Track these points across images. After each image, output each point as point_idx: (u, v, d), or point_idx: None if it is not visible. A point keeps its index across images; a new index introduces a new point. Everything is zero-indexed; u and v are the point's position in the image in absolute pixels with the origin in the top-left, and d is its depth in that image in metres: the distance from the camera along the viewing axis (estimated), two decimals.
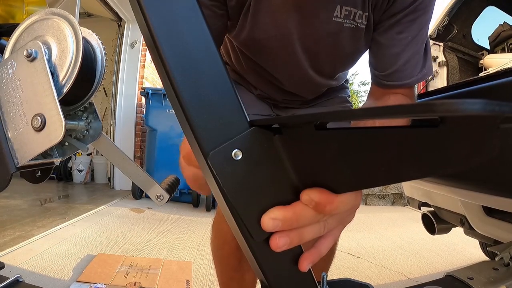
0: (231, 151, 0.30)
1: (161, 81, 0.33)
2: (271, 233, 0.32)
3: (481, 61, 2.87)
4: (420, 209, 2.04)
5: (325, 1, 0.79)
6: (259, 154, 0.31)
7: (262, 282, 0.38)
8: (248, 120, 0.32)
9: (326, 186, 0.31)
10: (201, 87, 0.31)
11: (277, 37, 0.87)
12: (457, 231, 1.97)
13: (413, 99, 0.89)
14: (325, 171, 0.30)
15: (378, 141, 0.25)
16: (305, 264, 0.36)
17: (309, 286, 0.39)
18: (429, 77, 2.83)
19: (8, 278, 0.84)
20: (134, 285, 1.81)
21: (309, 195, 0.31)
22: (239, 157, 0.30)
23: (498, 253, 1.15)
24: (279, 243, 0.32)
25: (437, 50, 2.87)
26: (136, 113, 5.44)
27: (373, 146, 0.26)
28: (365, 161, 0.27)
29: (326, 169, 0.30)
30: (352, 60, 0.99)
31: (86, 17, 5.97)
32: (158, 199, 0.58)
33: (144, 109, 4.77)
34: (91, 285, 1.86)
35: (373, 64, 0.89)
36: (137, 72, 5.40)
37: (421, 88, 2.90)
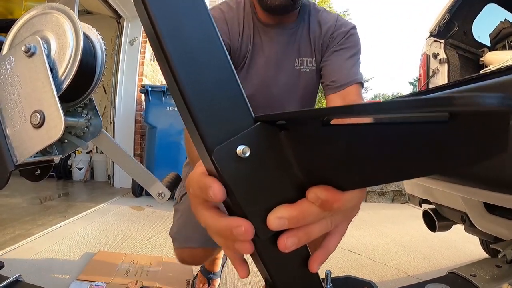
0: (236, 147, 0.29)
1: (164, 76, 0.32)
2: (276, 231, 0.31)
3: (482, 58, 2.87)
4: (421, 206, 2.04)
5: (288, 56, 1.18)
6: (265, 150, 0.30)
7: (266, 280, 0.37)
8: (253, 116, 0.31)
9: (332, 184, 0.30)
10: (205, 82, 0.30)
11: (260, 84, 1.21)
12: (457, 228, 1.96)
13: (361, 99, 1.17)
14: (332, 169, 0.30)
15: (385, 137, 0.25)
16: (315, 266, 0.35)
17: (314, 283, 0.38)
18: (430, 74, 2.82)
19: (8, 278, 0.83)
20: (136, 283, 1.80)
21: (316, 193, 0.30)
22: (247, 154, 0.29)
23: (501, 250, 1.15)
24: (287, 244, 0.31)
25: (438, 47, 2.86)
26: (136, 110, 5.43)
27: (381, 143, 0.25)
28: (372, 158, 0.26)
29: (333, 166, 0.29)
30: (313, 95, 1.30)
31: (85, 14, 5.95)
32: (160, 197, 0.57)
33: (144, 107, 4.76)
34: (92, 283, 1.85)
35: (323, 80, 1.18)
36: (136, 70, 5.39)
37: (421, 85, 2.89)
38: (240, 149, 0.29)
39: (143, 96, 4.88)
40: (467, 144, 0.21)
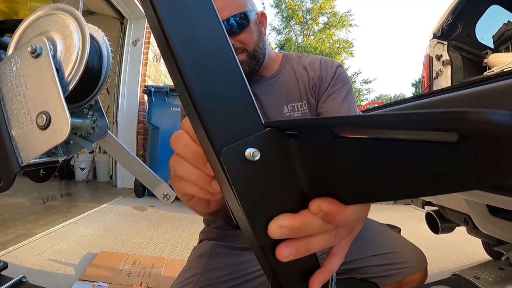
0: (245, 150, 0.29)
1: (170, 75, 0.32)
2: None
3: (485, 60, 2.85)
4: (423, 208, 2.04)
5: (277, 104, 1.12)
6: (273, 156, 0.30)
7: (272, 283, 0.37)
8: (263, 121, 0.31)
9: (336, 196, 0.30)
10: (214, 83, 0.30)
11: None
12: (459, 230, 1.96)
13: None
14: (337, 181, 0.29)
15: (393, 154, 0.24)
16: (315, 285, 0.35)
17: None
18: (433, 76, 2.81)
19: (12, 279, 0.83)
20: (140, 285, 1.80)
21: (318, 205, 0.30)
22: (257, 158, 0.29)
23: (504, 252, 1.14)
24: (284, 253, 0.31)
25: (441, 49, 2.86)
26: (139, 111, 5.44)
27: (388, 159, 0.24)
28: (379, 173, 0.25)
29: (338, 179, 0.29)
30: None
31: (88, 14, 5.98)
32: (165, 198, 0.57)
33: (147, 107, 4.77)
34: (94, 283, 1.85)
35: None
36: (139, 70, 5.41)
37: (425, 87, 2.89)
38: (249, 152, 0.29)
39: (146, 97, 4.89)
40: (476, 166, 0.20)
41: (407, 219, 4.23)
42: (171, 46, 0.29)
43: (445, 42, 2.86)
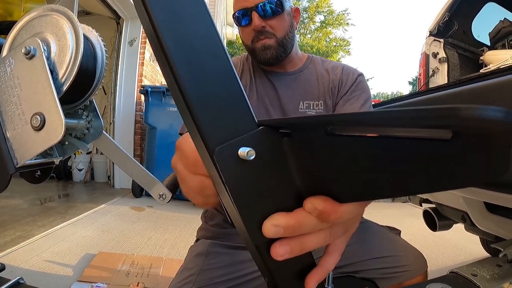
0: (238, 149, 0.29)
1: (163, 75, 0.32)
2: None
3: (481, 57, 2.86)
4: (421, 205, 2.04)
5: (293, 98, 1.14)
6: (267, 155, 0.30)
7: (268, 283, 0.37)
8: (256, 120, 0.31)
9: (331, 195, 0.30)
10: (206, 82, 0.30)
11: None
12: (457, 228, 1.96)
13: None
14: (332, 180, 0.29)
15: (387, 151, 0.24)
16: (312, 284, 0.35)
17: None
18: (430, 74, 2.82)
19: (10, 280, 0.83)
20: (137, 285, 1.80)
21: (313, 203, 0.30)
22: (252, 157, 0.29)
23: (502, 249, 1.15)
24: (279, 252, 0.31)
25: (437, 47, 2.86)
26: (136, 111, 5.43)
27: (382, 157, 0.24)
28: (372, 171, 0.25)
29: (333, 177, 0.29)
30: None
31: (84, 15, 5.94)
32: (161, 198, 0.57)
33: (144, 107, 4.76)
34: (92, 284, 1.85)
35: None
36: (136, 70, 5.39)
37: (421, 84, 2.89)
38: (244, 151, 0.28)
39: (142, 97, 4.88)
40: (470, 163, 0.20)
41: (405, 217, 4.24)
42: (164, 46, 0.29)
43: (442, 40, 2.87)
